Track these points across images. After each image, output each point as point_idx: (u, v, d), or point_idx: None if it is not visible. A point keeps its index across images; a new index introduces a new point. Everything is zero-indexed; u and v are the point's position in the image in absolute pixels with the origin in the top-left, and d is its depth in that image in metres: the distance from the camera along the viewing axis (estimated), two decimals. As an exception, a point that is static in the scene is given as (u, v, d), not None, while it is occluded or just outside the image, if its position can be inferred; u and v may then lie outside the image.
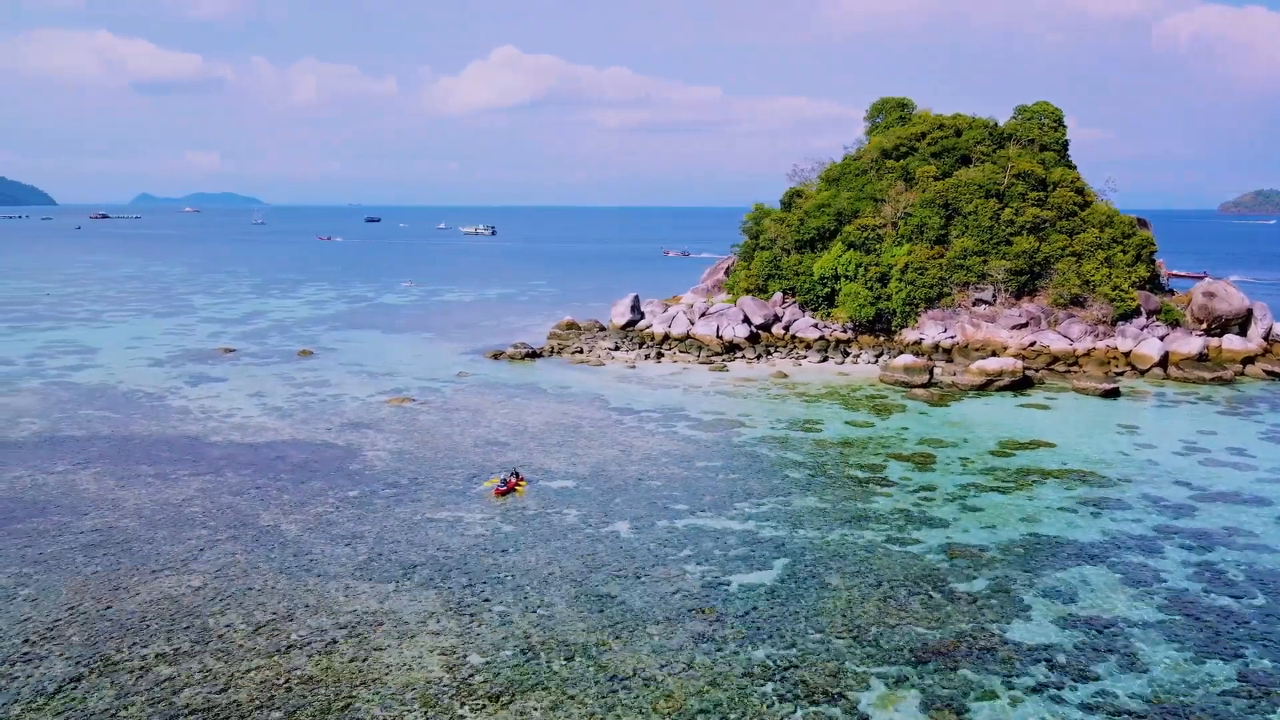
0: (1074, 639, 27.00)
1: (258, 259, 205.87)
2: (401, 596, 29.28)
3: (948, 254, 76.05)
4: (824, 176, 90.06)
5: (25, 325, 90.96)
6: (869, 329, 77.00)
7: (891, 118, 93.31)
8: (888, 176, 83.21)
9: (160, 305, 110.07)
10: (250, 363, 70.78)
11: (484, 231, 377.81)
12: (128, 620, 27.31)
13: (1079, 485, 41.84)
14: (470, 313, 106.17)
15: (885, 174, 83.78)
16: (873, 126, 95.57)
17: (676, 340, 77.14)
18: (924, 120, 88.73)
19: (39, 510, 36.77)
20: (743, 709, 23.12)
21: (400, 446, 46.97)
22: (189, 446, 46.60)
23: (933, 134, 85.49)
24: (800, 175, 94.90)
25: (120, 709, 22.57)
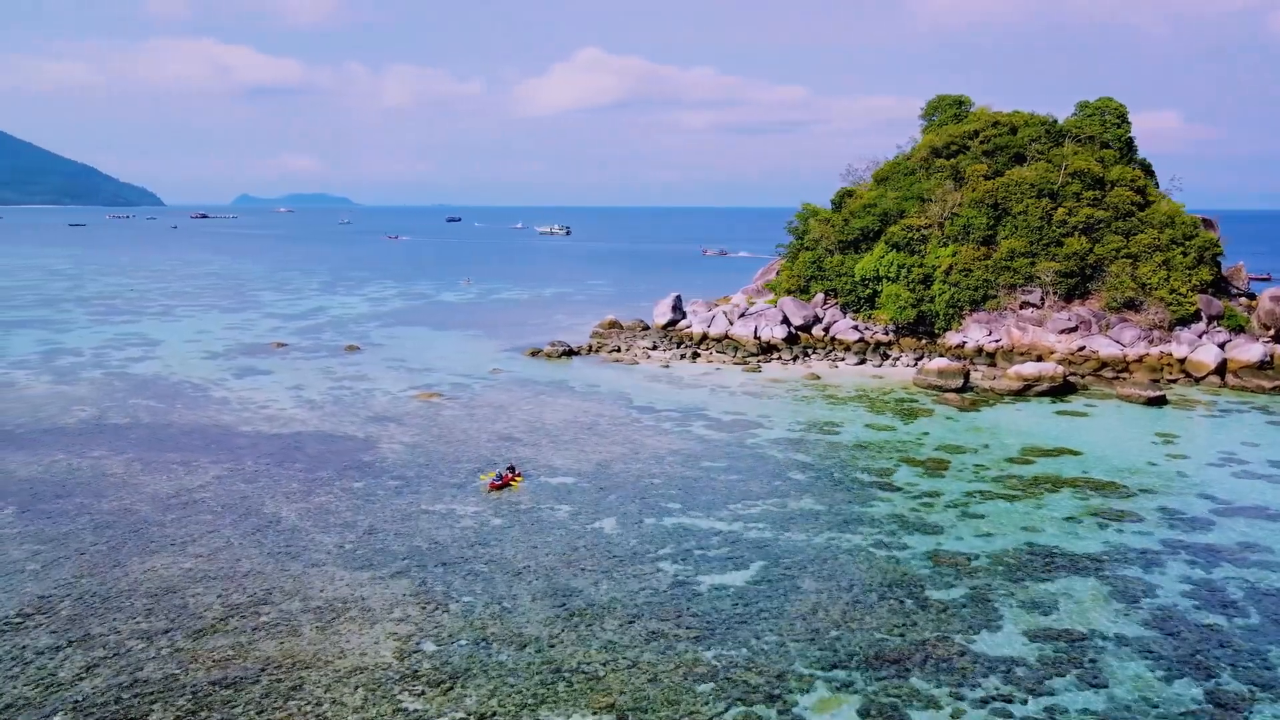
0: (1039, 652, 26.19)
1: (333, 257, 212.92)
2: (375, 584, 30.19)
3: (994, 255, 73.96)
4: (875, 176, 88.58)
5: (103, 319, 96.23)
6: (911, 332, 75.44)
7: (946, 115, 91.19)
8: (936, 176, 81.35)
9: (230, 301, 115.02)
10: (298, 357, 73.49)
11: (559, 231, 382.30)
12: (116, 597, 28.89)
13: (1093, 495, 40.36)
14: (522, 311, 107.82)
15: (934, 173, 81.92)
16: (929, 125, 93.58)
17: (714, 340, 77.01)
18: (979, 118, 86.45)
19: (65, 492, 39.07)
20: (674, 707, 23.19)
21: (416, 440, 48.22)
22: (218, 435, 48.77)
23: (986, 132, 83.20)
24: (854, 175, 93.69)
25: (84, 678, 23.95)
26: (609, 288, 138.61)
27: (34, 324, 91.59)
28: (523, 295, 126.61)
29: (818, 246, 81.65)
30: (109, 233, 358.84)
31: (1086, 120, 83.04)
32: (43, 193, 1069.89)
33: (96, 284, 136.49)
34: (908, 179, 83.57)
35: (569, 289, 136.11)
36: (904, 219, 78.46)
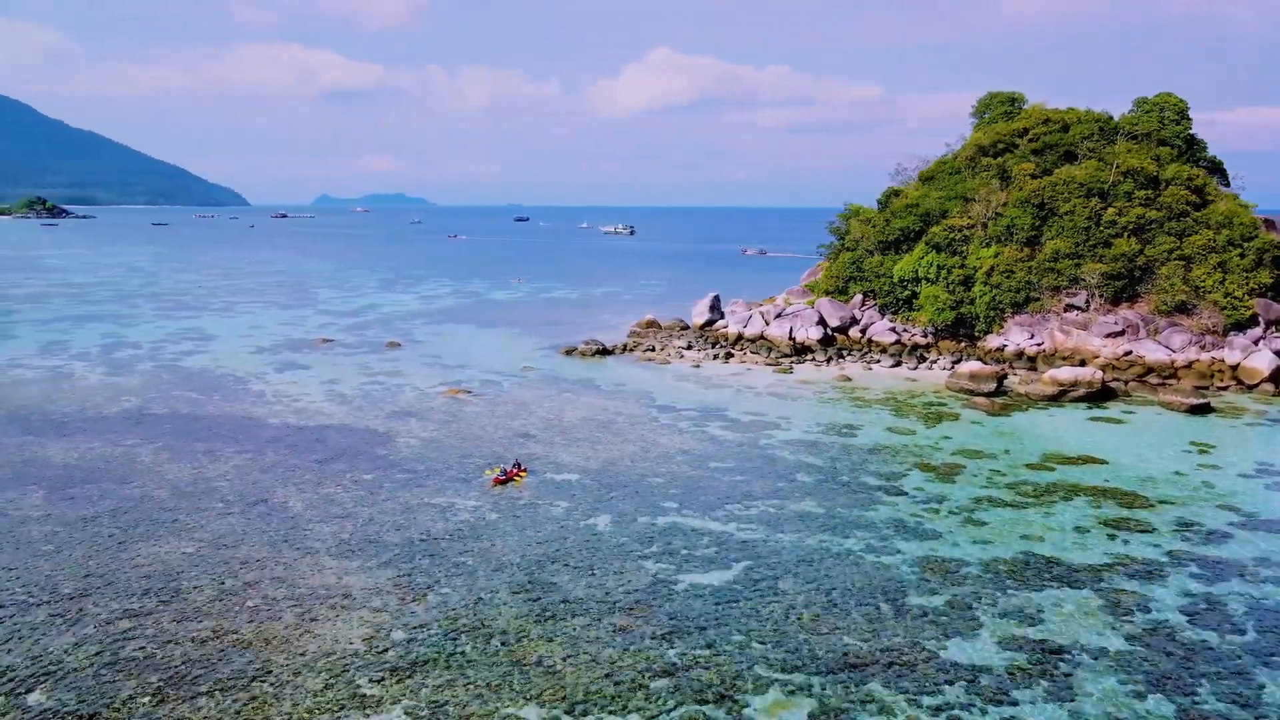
0: (1011, 662, 25.58)
1: (397, 256, 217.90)
2: (361, 574, 31.03)
3: (1038, 256, 71.92)
4: (920, 176, 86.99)
5: (168, 314, 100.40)
6: (951, 334, 73.85)
7: (997, 113, 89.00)
8: (982, 175, 79.44)
9: (289, 298, 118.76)
10: (340, 353, 75.59)
11: (623, 231, 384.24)
12: (117, 578, 30.30)
13: (1108, 504, 39.05)
14: (568, 310, 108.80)
15: (980, 172, 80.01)
16: (979, 123, 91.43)
17: (749, 341, 76.63)
18: (1030, 115, 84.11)
19: (93, 477, 41.05)
20: (625, 703, 23.36)
21: (433, 435, 49.23)
22: (246, 426, 50.56)
23: (1035, 130, 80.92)
24: (904, 174, 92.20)
25: (70, 654, 25.23)
26: (660, 287, 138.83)
27: (104, 318, 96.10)
28: (572, 294, 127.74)
29: (858, 247, 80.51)
30: (189, 232, 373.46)
31: (1144, 117, 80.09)
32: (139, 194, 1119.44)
33: (169, 281, 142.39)
34: (952, 178, 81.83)
35: (619, 288, 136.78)
36: (946, 219, 76.85)
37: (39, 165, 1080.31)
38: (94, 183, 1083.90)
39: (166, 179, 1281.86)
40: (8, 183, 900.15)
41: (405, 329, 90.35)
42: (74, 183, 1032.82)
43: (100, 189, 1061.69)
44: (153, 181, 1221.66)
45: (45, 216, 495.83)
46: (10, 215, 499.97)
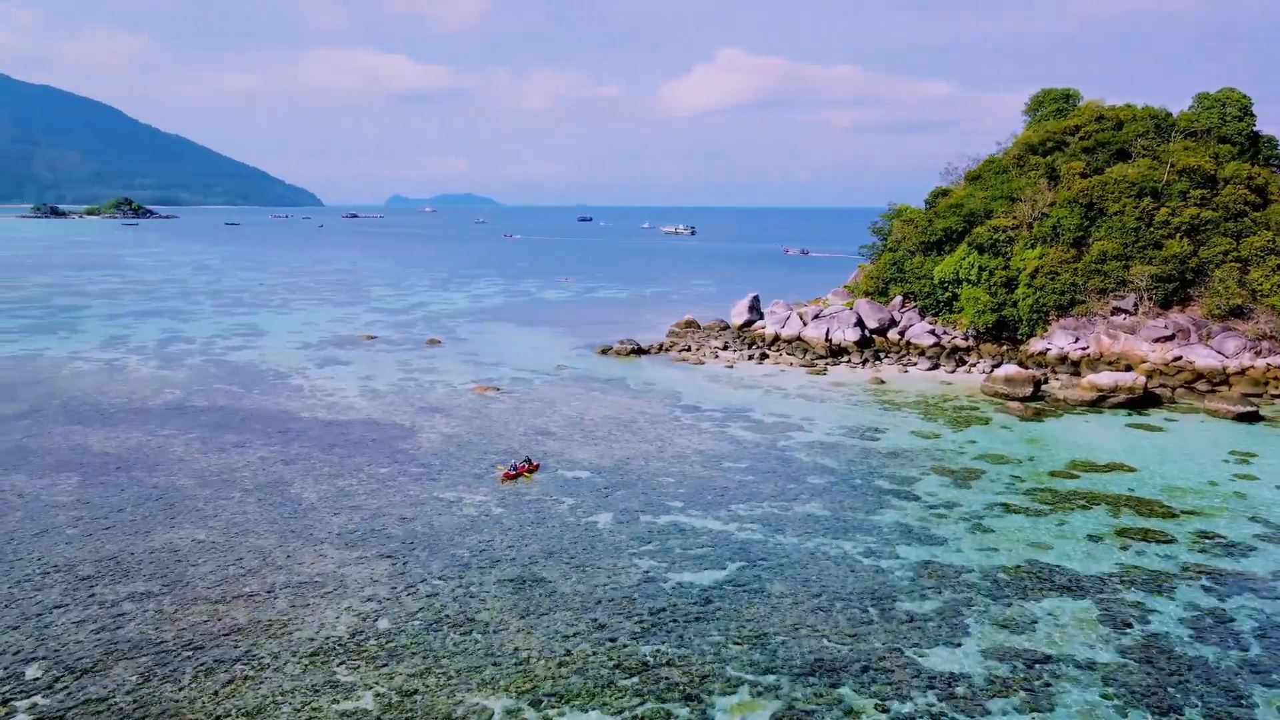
0: (991, 671, 25.03)
1: (456, 255, 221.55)
2: (359, 564, 31.83)
3: (1084, 258, 69.80)
4: (967, 175, 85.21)
5: (226, 311, 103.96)
6: (994, 338, 72.14)
7: (1049, 110, 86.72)
8: (1030, 174, 77.43)
9: (343, 296, 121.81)
10: (381, 350, 77.34)
11: (684, 231, 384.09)
12: (130, 563, 31.64)
13: (1128, 513, 37.82)
14: (613, 309, 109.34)
15: (1028, 171, 78.00)
16: (1032, 120, 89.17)
17: (786, 342, 76.06)
18: (1082, 112, 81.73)
19: (126, 465, 42.86)
20: (590, 698, 23.55)
21: (455, 431, 50.09)
22: (278, 420, 52.14)
23: (1088, 127, 78.60)
24: (954, 174, 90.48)
25: (72, 632, 26.49)
26: (710, 287, 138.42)
27: (166, 314, 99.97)
28: (621, 294, 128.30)
29: (900, 248, 79.22)
30: (260, 232, 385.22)
31: (1203, 113, 77.13)
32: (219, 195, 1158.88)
33: (233, 279, 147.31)
34: (999, 178, 79.94)
35: (669, 289, 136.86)
36: (991, 219, 75.10)
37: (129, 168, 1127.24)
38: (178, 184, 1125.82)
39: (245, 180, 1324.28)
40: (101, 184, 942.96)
41: (449, 327, 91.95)
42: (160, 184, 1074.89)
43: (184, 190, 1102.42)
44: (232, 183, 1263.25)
45: (130, 216, 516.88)
46: (100, 215, 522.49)
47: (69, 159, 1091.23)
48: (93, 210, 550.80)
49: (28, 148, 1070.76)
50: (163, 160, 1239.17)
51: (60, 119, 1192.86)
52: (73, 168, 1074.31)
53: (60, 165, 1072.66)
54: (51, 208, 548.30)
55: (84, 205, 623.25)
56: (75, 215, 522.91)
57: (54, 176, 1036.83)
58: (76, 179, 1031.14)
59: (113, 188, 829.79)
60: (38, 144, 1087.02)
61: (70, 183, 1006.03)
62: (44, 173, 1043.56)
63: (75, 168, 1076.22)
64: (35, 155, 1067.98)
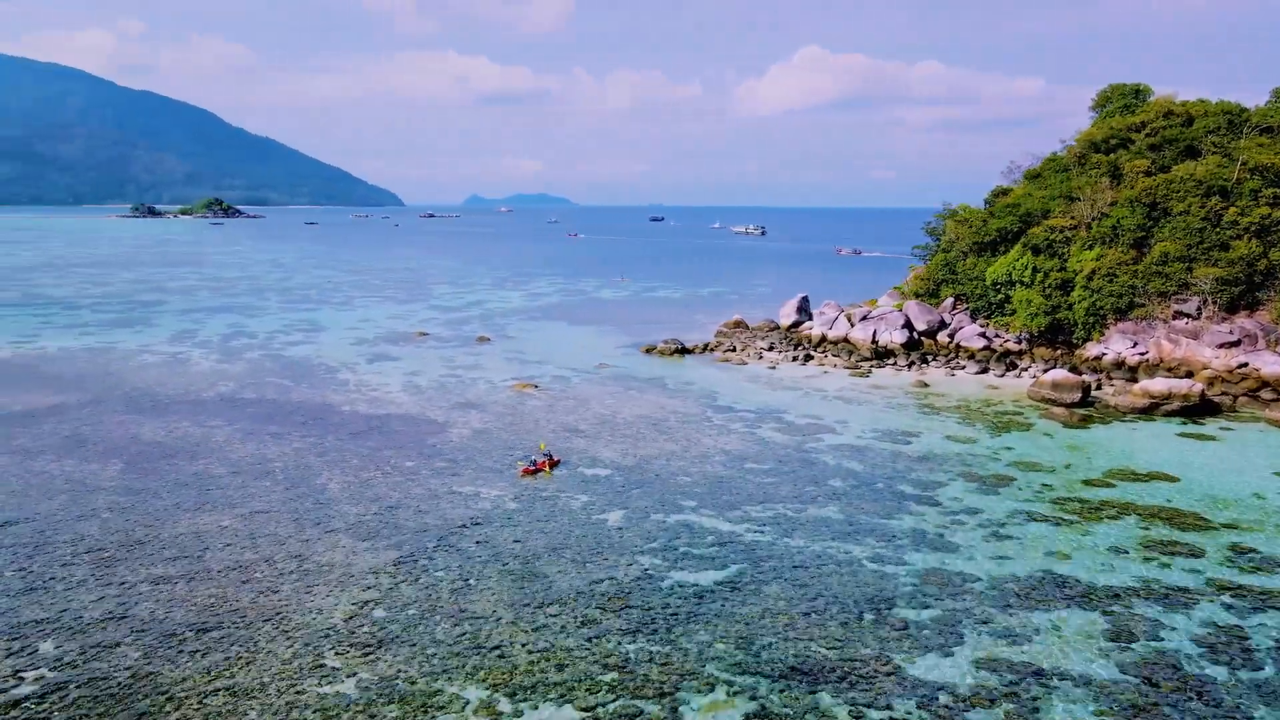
0: (980, 682, 24.40)
1: (521, 254, 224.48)
2: (367, 554, 32.69)
3: (1144, 259, 67.10)
4: (1026, 174, 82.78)
5: (292, 307, 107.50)
6: (1049, 342, 69.93)
7: (1116, 106, 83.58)
8: (1092, 172, 74.78)
9: (404, 293, 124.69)
10: (431, 346, 78.99)
11: (754, 231, 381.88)
12: (154, 546, 33.12)
13: (1159, 525, 36.33)
14: (667, 309, 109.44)
15: (1090, 169, 75.35)
16: (1099, 117, 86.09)
17: (832, 343, 75.07)
18: (1150, 109, 78.57)
19: (170, 454, 44.81)
20: (565, 692, 23.77)
21: (486, 427, 50.91)
22: (319, 412, 53.76)
23: (1155, 123, 75.55)
24: (1015, 172, 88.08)
25: (88, 609, 27.88)
26: (769, 288, 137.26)
27: (235, 309, 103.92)
28: (677, 294, 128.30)
29: (953, 248, 77.41)
30: (337, 231, 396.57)
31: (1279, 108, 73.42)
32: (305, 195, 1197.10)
33: (304, 276, 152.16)
34: (1059, 176, 77.43)
35: (727, 289, 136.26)
36: (1048, 219, 72.81)
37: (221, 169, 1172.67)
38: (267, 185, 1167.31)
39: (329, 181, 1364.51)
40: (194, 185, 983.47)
41: (501, 325, 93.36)
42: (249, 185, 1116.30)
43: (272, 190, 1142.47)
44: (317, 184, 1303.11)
45: (219, 216, 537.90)
46: (192, 215, 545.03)
47: (166, 161, 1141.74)
48: (186, 210, 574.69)
49: (128, 150, 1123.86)
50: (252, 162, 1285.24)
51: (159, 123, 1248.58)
52: (169, 169, 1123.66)
53: (158, 167, 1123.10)
54: (148, 208, 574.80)
55: (178, 205, 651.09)
56: (170, 215, 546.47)
57: (152, 178, 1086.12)
58: (172, 180, 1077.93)
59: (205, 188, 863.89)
60: (137, 147, 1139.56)
61: (167, 184, 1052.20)
62: (143, 174, 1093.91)
63: (171, 169, 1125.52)
64: (135, 158, 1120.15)
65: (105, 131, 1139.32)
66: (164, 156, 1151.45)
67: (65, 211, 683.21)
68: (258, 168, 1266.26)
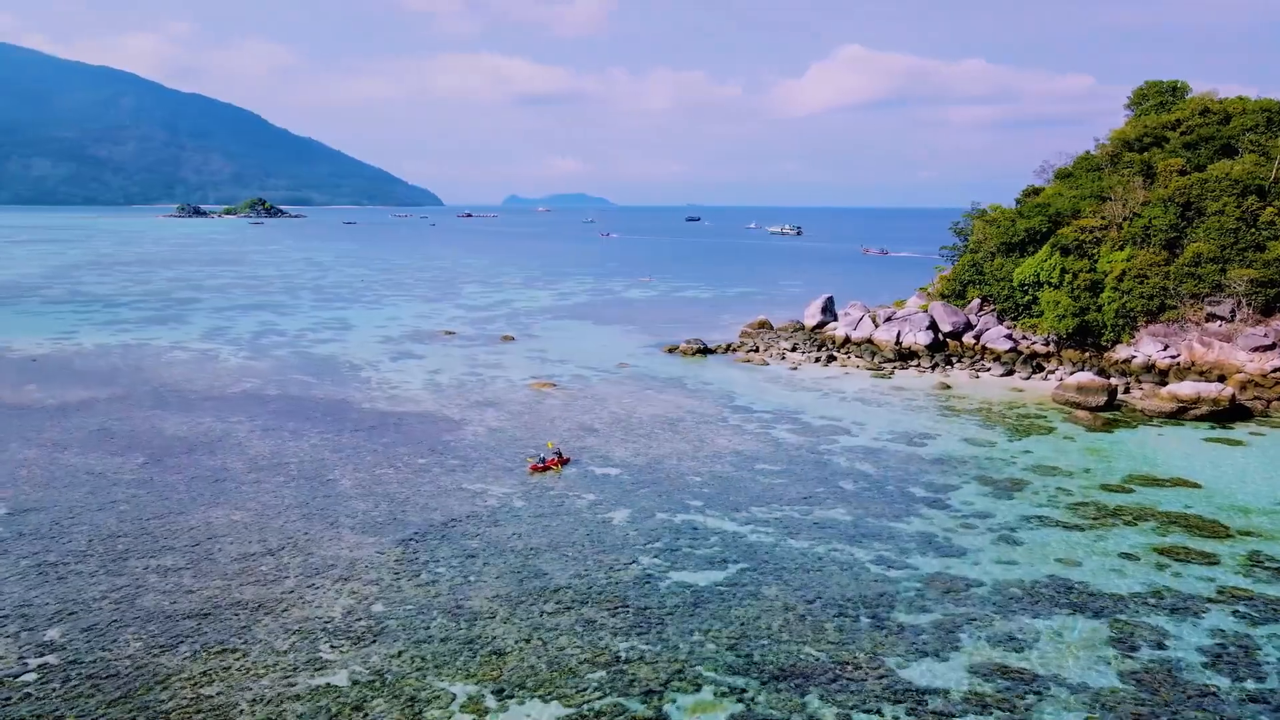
0: (973, 688, 24.05)
1: (554, 254, 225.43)
2: (371, 549, 33.07)
3: (1176, 260, 65.62)
4: (1057, 173, 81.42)
5: (323, 305, 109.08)
6: (1077, 344, 68.69)
7: (1152, 103, 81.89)
8: (1124, 171, 73.32)
9: (434, 292, 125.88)
10: (456, 345, 79.66)
11: (789, 231, 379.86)
12: (164, 538, 33.80)
13: (1176, 531, 35.52)
14: (692, 309, 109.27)
15: (1122, 169, 73.89)
16: (1134, 114, 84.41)
17: (855, 344, 74.44)
18: (1187, 106, 76.86)
19: (190, 449, 45.70)
20: (552, 689, 23.84)
21: (501, 425, 51.23)
22: (338, 410, 54.48)
23: (1190, 121, 73.90)
24: (1048, 171, 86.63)
25: (97, 600, 28.52)
26: (799, 288, 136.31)
27: (268, 307, 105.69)
28: (704, 294, 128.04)
29: (980, 249, 76.35)
30: (375, 230, 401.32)
31: (1323, 105, 71.35)
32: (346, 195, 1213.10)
33: (338, 275, 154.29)
34: (1090, 176, 76.03)
35: (756, 289, 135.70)
36: (1078, 219, 71.52)
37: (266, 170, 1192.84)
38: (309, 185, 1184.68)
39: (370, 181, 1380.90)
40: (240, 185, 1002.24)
41: (526, 324, 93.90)
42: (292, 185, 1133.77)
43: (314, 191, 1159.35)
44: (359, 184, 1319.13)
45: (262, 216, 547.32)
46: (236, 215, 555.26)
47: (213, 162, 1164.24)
48: (230, 210, 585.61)
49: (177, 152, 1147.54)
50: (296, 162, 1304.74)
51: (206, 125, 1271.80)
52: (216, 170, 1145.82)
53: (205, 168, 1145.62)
54: (194, 208, 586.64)
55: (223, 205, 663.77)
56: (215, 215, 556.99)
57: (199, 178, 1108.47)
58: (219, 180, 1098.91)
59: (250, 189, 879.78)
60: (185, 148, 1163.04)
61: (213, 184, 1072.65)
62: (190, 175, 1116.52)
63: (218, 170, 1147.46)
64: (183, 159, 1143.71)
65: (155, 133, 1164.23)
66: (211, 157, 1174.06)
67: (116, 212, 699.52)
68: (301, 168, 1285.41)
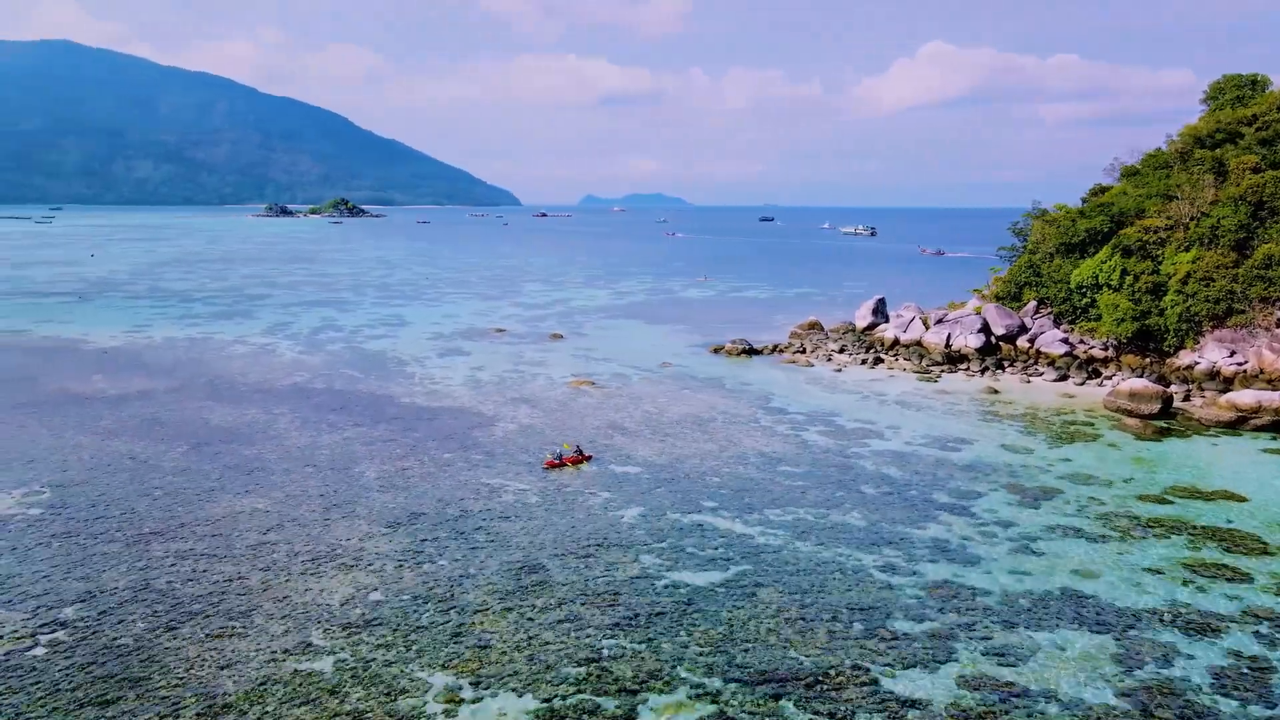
0: (958, 701, 23.35)
1: (617, 253, 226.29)
2: (380, 539, 33.79)
3: (1246, 262, 62.35)
4: (1123, 171, 78.22)
5: (385, 302, 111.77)
6: (1139, 349, 65.87)
7: (1229, 98, 77.98)
8: (1194, 169, 70.00)
9: (495, 290, 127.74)
10: (505, 342, 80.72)
11: (863, 232, 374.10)
12: (189, 524, 35.14)
13: (1210, 546, 33.82)
14: (747, 309, 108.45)
15: (1192, 166, 70.55)
16: (1210, 109, 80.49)
17: (904, 346, 72.87)
18: (1266, 100, 72.93)
19: (230, 439, 47.39)
20: (528, 683, 24.01)
21: (532, 422, 51.71)
22: (377, 404, 55.77)
23: (1268, 116, 70.07)
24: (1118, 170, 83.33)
25: (116, 581, 29.83)
26: (861, 290, 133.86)
27: (332, 304, 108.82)
28: (763, 294, 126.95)
29: (1039, 250, 73.86)
30: (448, 229, 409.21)
31: None
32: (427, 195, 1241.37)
33: (405, 272, 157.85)
34: (1158, 174, 72.82)
35: (816, 289, 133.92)
36: (1142, 219, 68.59)
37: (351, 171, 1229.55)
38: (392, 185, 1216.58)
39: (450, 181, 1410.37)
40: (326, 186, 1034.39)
41: (578, 322, 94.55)
42: (376, 185, 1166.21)
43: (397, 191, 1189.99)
44: (439, 184, 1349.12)
45: (346, 215, 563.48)
46: (321, 214, 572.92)
47: (301, 163, 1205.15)
48: (314, 210, 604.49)
49: (267, 154, 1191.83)
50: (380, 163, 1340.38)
51: (296, 127, 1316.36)
52: (304, 171, 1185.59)
53: (294, 169, 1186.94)
54: (281, 208, 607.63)
55: (308, 205, 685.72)
56: (300, 214, 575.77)
57: (288, 179, 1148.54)
58: (307, 181, 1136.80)
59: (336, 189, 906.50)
60: (275, 150, 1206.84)
61: (301, 185, 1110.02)
62: (280, 176, 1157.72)
63: (306, 171, 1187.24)
64: (274, 160, 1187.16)
65: (248, 136, 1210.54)
66: (300, 159, 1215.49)
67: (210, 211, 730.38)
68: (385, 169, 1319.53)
